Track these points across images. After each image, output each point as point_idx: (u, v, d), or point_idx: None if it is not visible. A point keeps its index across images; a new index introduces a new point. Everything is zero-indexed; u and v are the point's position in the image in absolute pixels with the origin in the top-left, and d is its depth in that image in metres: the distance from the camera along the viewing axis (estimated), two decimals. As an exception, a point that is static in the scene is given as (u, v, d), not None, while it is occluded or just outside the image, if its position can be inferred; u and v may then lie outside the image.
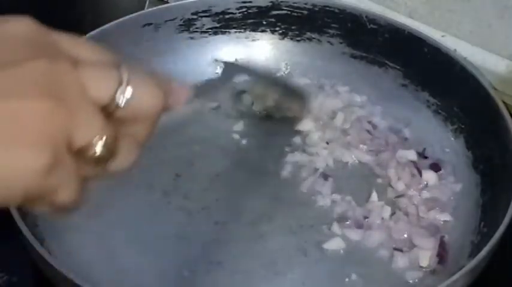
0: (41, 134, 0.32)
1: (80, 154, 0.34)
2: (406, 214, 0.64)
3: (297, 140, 0.71)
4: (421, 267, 0.60)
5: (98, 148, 0.34)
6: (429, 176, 0.66)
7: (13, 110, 0.32)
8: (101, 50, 0.38)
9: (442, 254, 0.60)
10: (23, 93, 0.32)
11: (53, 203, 0.35)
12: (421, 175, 0.66)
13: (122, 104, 0.35)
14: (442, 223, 0.63)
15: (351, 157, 0.69)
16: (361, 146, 0.69)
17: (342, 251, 0.62)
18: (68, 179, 0.34)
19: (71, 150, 0.34)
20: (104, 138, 0.34)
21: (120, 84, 0.35)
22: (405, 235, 0.62)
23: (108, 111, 0.35)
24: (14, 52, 0.33)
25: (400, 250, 0.61)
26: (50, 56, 0.34)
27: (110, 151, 0.35)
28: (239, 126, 0.73)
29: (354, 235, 0.62)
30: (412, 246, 0.61)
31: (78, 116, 0.33)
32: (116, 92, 0.35)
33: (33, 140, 0.32)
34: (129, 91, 0.35)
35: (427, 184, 0.66)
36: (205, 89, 0.54)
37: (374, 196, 0.65)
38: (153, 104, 0.37)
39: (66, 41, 0.36)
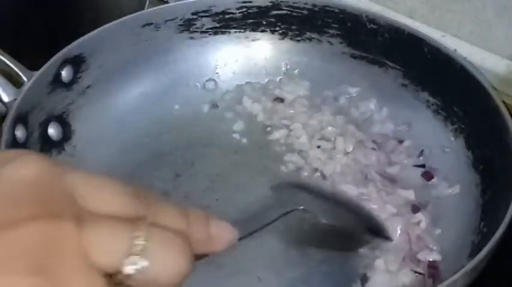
0: None
1: None
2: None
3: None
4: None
5: None
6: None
7: None
8: (125, 193, 0.32)
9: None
10: (7, 266, 0.28)
11: None
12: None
13: (133, 274, 0.29)
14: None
15: (350, 158, 0.69)
16: (362, 146, 0.69)
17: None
18: None
19: None
20: None
21: (132, 250, 0.29)
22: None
23: (115, 280, 0.30)
24: (15, 207, 0.29)
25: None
26: (52, 214, 0.29)
27: None
28: (239, 126, 0.73)
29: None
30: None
31: None
32: (124, 259, 0.29)
33: None
34: (143, 261, 0.30)
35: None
36: (253, 223, 0.46)
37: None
38: (173, 274, 0.31)
39: (82, 185, 0.31)
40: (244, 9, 0.77)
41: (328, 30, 0.77)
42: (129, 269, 0.29)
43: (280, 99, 0.75)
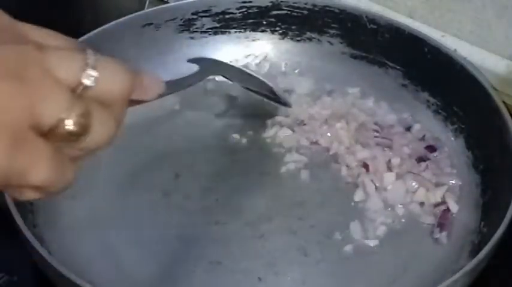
0: None
1: (52, 132, 0.35)
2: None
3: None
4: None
5: (69, 124, 0.35)
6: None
7: None
8: (68, 38, 0.39)
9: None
10: None
11: (28, 184, 0.35)
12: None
13: (90, 85, 0.36)
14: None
15: (351, 158, 0.69)
16: (362, 146, 0.69)
17: (342, 251, 0.62)
18: (36, 159, 0.34)
19: (41, 130, 0.34)
20: (74, 114, 0.35)
21: (86, 65, 0.36)
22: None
23: (77, 93, 0.36)
24: None
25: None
26: (15, 41, 0.35)
27: (83, 126, 0.35)
28: (239, 126, 0.73)
29: (355, 234, 0.63)
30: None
31: (44, 95, 0.34)
32: (82, 73, 0.36)
33: None
34: (95, 73, 0.36)
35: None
36: (177, 84, 0.56)
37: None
38: (121, 86, 0.38)
39: (33, 30, 0.37)
40: (244, 9, 0.77)
41: (328, 30, 0.77)
42: (87, 80, 0.36)
43: (280, 99, 0.75)
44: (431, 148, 0.69)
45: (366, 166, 0.67)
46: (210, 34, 0.78)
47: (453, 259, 0.60)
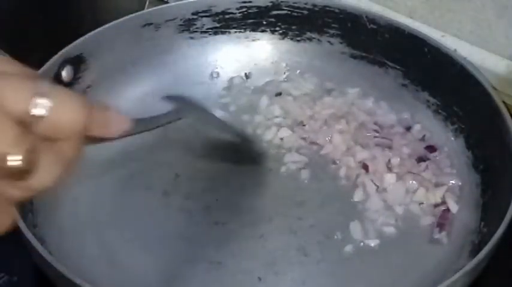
0: None
1: None
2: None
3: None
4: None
5: (13, 160, 0.33)
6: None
7: None
8: (24, 66, 0.36)
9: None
10: None
11: None
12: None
13: (39, 115, 0.33)
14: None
15: (351, 158, 0.69)
16: (362, 147, 0.69)
17: (342, 251, 0.62)
18: None
19: None
20: (19, 149, 0.33)
21: (36, 94, 0.34)
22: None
23: (26, 124, 0.33)
24: None
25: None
26: None
27: (28, 164, 0.33)
28: (239, 126, 0.73)
29: (356, 234, 0.63)
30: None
31: None
32: (30, 101, 0.33)
33: None
34: (46, 103, 0.34)
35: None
36: (145, 123, 0.51)
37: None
38: (74, 119, 0.35)
39: None
40: (244, 9, 0.77)
41: (328, 30, 0.77)
42: (37, 110, 0.33)
43: (281, 99, 0.75)
44: (431, 148, 0.69)
45: (365, 166, 0.67)
46: (210, 34, 0.78)
47: (453, 259, 0.60)
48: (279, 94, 0.76)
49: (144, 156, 0.70)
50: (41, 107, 0.33)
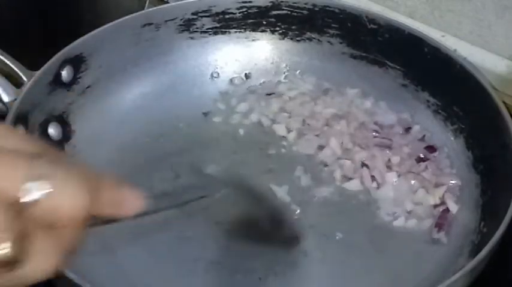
0: None
1: None
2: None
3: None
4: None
5: (1, 249, 0.29)
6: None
7: None
8: (27, 138, 0.33)
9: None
10: None
11: None
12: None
13: (28, 201, 0.30)
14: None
15: (351, 157, 0.69)
16: (362, 147, 0.69)
17: (342, 251, 0.62)
18: None
19: None
20: (7, 237, 0.29)
21: (32, 177, 0.30)
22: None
23: (19, 208, 0.30)
24: None
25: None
26: None
27: (17, 252, 0.30)
28: (239, 126, 0.73)
29: (356, 234, 0.63)
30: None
31: None
32: (22, 189, 0.30)
33: None
34: (41, 187, 0.30)
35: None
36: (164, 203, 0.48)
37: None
38: (74, 205, 0.31)
39: None
40: (244, 9, 0.77)
41: (328, 30, 0.77)
42: (30, 195, 0.30)
43: (281, 99, 0.75)
44: (431, 148, 0.69)
45: (365, 166, 0.67)
46: (210, 34, 0.78)
47: (453, 259, 0.60)
48: (278, 94, 0.76)
49: (144, 156, 0.70)
50: (35, 191, 0.30)
